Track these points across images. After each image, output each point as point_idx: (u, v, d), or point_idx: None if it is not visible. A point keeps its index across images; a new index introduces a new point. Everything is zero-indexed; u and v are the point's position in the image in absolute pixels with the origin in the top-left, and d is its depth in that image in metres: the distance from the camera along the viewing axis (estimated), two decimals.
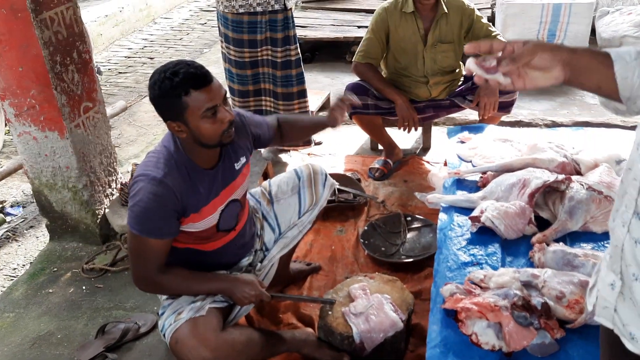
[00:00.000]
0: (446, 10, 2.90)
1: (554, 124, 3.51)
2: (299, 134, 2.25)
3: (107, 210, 2.81)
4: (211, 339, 1.73)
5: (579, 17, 3.99)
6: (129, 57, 5.95)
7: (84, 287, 2.54)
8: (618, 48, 1.01)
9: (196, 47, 6.20)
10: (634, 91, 0.98)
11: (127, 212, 1.74)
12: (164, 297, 1.92)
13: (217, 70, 4.13)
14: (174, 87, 1.61)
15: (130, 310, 2.39)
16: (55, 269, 2.69)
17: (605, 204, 2.07)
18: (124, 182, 2.86)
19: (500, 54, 1.02)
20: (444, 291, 1.80)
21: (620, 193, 0.96)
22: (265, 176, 3.10)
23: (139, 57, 5.94)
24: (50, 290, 2.54)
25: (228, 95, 2.02)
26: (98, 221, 2.79)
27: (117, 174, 2.93)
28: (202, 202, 1.80)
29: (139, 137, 4.11)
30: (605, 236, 2.03)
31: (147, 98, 4.70)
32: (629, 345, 0.93)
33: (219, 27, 3.07)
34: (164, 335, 1.83)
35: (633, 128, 3.32)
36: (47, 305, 2.45)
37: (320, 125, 2.27)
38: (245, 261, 2.10)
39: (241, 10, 2.87)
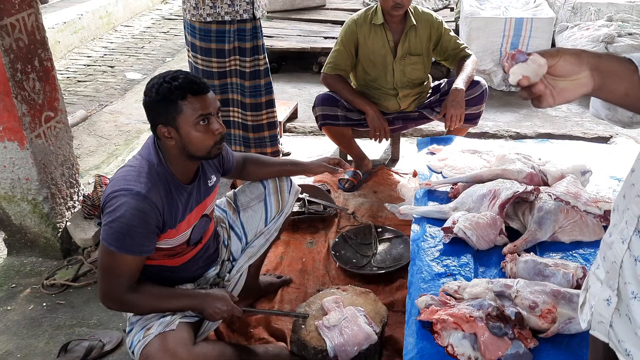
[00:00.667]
0: (415, 23, 2.93)
1: (518, 136, 3.58)
2: (263, 176, 2.21)
3: (68, 223, 2.71)
4: (183, 354, 1.68)
5: (540, 31, 4.11)
6: (88, 66, 5.80)
7: (44, 304, 2.44)
8: (636, 53, 0.97)
9: (158, 56, 6.09)
10: None
11: (103, 228, 1.67)
12: (131, 314, 1.85)
13: None
14: (172, 90, 1.63)
15: (94, 327, 2.30)
16: (13, 285, 2.57)
17: (573, 214, 2.11)
18: (86, 194, 2.76)
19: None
20: (419, 303, 1.80)
21: (620, 208, 0.95)
22: (234, 186, 3.06)
23: (99, 66, 5.80)
24: (9, 308, 2.43)
25: None
26: (59, 235, 2.69)
27: (79, 185, 2.84)
28: (180, 218, 1.78)
29: (99, 147, 4.00)
30: (573, 246, 2.08)
31: (108, 107, 4.64)
32: None
33: (185, 35, 3.02)
34: (132, 352, 1.77)
35: (594, 140, 3.42)
36: (5, 324, 2.34)
37: (292, 172, 2.24)
38: (212, 272, 2.07)
39: (209, 19, 2.83)
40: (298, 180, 2.27)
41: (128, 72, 5.57)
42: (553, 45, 4.33)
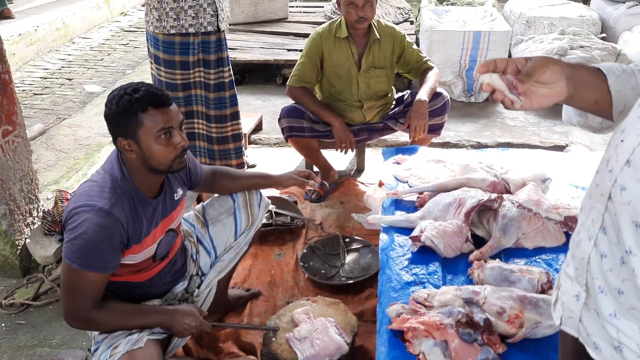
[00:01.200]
0: (378, 37, 2.98)
1: (479, 145, 3.67)
2: (233, 189, 2.18)
3: (28, 240, 2.62)
4: None
5: (497, 44, 4.23)
6: (45, 78, 5.66)
7: (3, 324, 2.35)
8: (603, 63, 1.03)
9: (118, 68, 5.99)
10: (628, 103, 1.01)
11: (65, 245, 1.62)
12: (97, 332, 1.80)
13: None
14: (132, 102, 1.60)
15: (56, 347, 2.22)
16: None
17: (535, 221, 2.17)
18: (46, 210, 2.68)
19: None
20: (390, 312, 1.81)
21: (587, 208, 0.99)
22: (199, 200, 3.02)
23: (57, 78, 5.66)
24: None
25: None
26: (18, 252, 2.60)
27: (39, 201, 2.75)
28: (145, 233, 1.74)
29: (58, 162, 3.89)
30: (536, 252, 2.14)
31: (67, 121, 4.53)
32: (593, 354, 0.96)
33: (148, 47, 2.98)
34: None
35: (551, 148, 3.54)
36: None
37: (262, 185, 2.23)
38: (180, 287, 2.03)
39: (173, 31, 2.81)
40: (264, 191, 2.26)
41: (87, 84, 5.46)
42: (509, 57, 4.46)
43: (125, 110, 1.61)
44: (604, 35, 4.79)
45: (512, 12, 5.30)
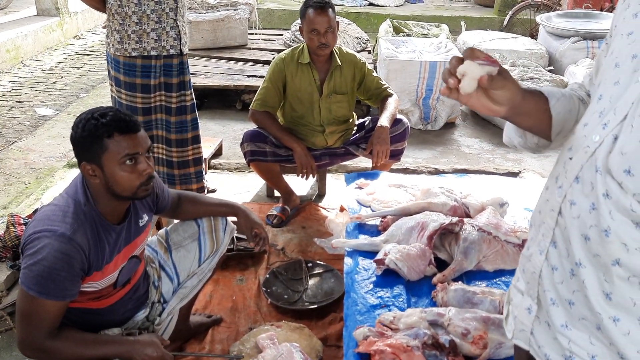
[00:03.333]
0: (340, 63, 3.04)
1: (437, 171, 3.76)
2: (197, 214, 2.14)
3: None
4: None
5: None
6: None
7: None
8: (545, 87, 1.08)
9: (72, 92, 5.85)
10: (566, 125, 1.07)
11: (23, 271, 1.56)
12: None
13: None
14: (98, 127, 1.58)
15: None
16: None
17: (495, 244, 2.23)
18: None
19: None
20: (357, 334, 1.81)
21: (537, 223, 1.02)
22: (159, 225, 2.96)
23: (6, 101, 5.47)
24: None
25: None
26: None
27: None
28: (107, 260, 1.69)
29: (7, 186, 3.74)
30: (496, 274, 2.19)
31: (17, 144, 4.38)
32: None
33: (108, 69, 2.93)
34: None
35: (505, 174, 3.65)
36: None
37: (227, 214, 2.18)
38: (142, 314, 1.97)
39: (134, 54, 2.78)
40: None
41: (38, 107, 5.29)
42: None
43: (91, 134, 1.59)
44: (551, 67, 5.03)
45: (466, 44, 5.51)
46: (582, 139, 0.92)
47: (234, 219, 2.18)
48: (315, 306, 2.48)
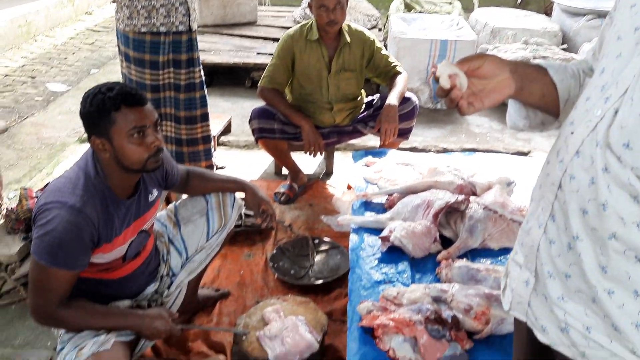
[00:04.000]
0: (349, 40, 3.02)
1: (445, 150, 3.75)
2: (206, 191, 2.17)
3: None
4: None
5: (463, 52, 4.33)
6: (6, 76, 5.50)
7: None
8: (541, 61, 1.10)
9: (83, 68, 5.88)
10: (572, 91, 1.08)
11: (34, 241, 1.60)
12: (63, 331, 1.77)
13: None
14: (105, 101, 1.59)
15: (19, 347, 2.17)
16: None
17: (500, 222, 2.24)
18: (10, 208, 2.62)
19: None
20: (361, 309, 1.84)
21: (536, 198, 1.03)
22: (168, 201, 2.99)
23: (18, 76, 5.52)
24: None
25: None
26: None
27: (2, 199, 2.68)
28: (116, 233, 1.72)
29: (19, 160, 3.79)
30: (501, 252, 2.20)
31: (29, 119, 4.42)
32: (540, 337, 1.01)
33: (118, 45, 2.94)
34: None
35: (515, 154, 3.64)
36: None
37: (235, 190, 2.20)
38: (152, 288, 2.01)
39: (143, 30, 2.78)
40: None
41: (50, 83, 5.33)
42: None
43: (99, 108, 1.61)
44: (565, 46, 4.96)
45: (478, 22, 5.44)
46: (584, 113, 0.93)
47: (242, 195, 2.21)
48: (321, 282, 2.52)
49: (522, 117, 1.18)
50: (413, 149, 3.69)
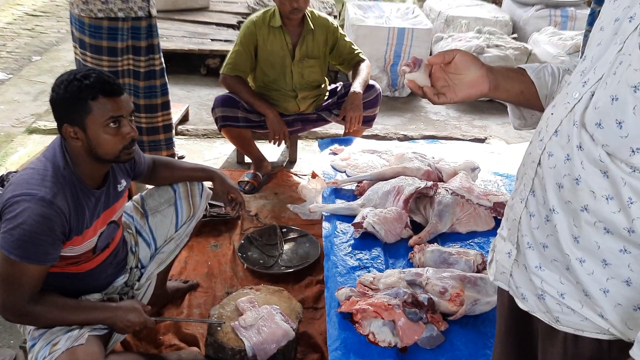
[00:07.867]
0: (312, 27, 3.01)
1: (406, 138, 3.81)
2: (172, 180, 2.11)
3: None
4: None
5: (420, 40, 4.40)
6: None
7: None
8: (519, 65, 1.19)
9: (24, 55, 5.59)
10: (549, 88, 1.15)
11: (2, 235, 1.52)
12: (31, 327, 1.70)
13: (51, 80, 3.77)
14: (82, 89, 1.54)
15: None
16: None
17: (467, 207, 2.30)
18: None
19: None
20: (339, 295, 1.86)
21: (520, 175, 1.10)
22: (129, 194, 2.90)
23: None
24: None
25: None
26: None
27: None
28: (87, 225, 1.67)
29: None
30: (469, 236, 2.27)
31: None
32: (521, 304, 1.08)
33: (72, 31, 2.81)
34: None
35: (472, 141, 3.74)
36: None
37: (202, 179, 2.16)
38: (121, 280, 1.96)
39: (100, 15, 2.67)
40: None
41: None
42: (431, 54, 4.66)
43: (74, 96, 1.55)
44: (515, 35, 5.11)
45: (432, 11, 5.53)
46: (564, 96, 0.99)
47: (210, 184, 2.17)
48: (291, 270, 2.52)
49: (517, 117, 1.27)
50: (375, 137, 3.73)
